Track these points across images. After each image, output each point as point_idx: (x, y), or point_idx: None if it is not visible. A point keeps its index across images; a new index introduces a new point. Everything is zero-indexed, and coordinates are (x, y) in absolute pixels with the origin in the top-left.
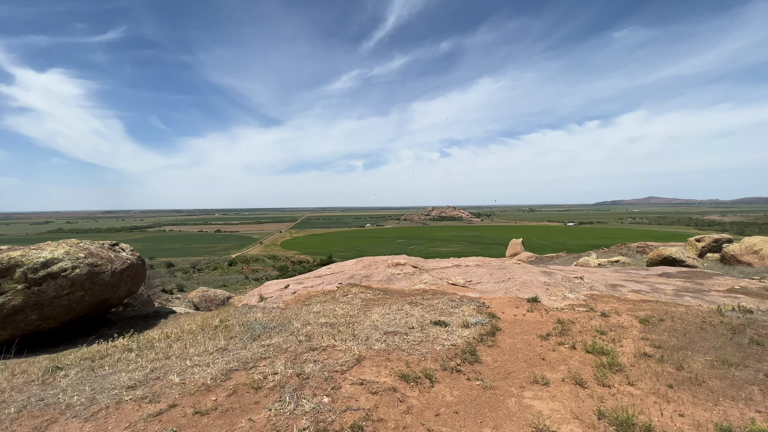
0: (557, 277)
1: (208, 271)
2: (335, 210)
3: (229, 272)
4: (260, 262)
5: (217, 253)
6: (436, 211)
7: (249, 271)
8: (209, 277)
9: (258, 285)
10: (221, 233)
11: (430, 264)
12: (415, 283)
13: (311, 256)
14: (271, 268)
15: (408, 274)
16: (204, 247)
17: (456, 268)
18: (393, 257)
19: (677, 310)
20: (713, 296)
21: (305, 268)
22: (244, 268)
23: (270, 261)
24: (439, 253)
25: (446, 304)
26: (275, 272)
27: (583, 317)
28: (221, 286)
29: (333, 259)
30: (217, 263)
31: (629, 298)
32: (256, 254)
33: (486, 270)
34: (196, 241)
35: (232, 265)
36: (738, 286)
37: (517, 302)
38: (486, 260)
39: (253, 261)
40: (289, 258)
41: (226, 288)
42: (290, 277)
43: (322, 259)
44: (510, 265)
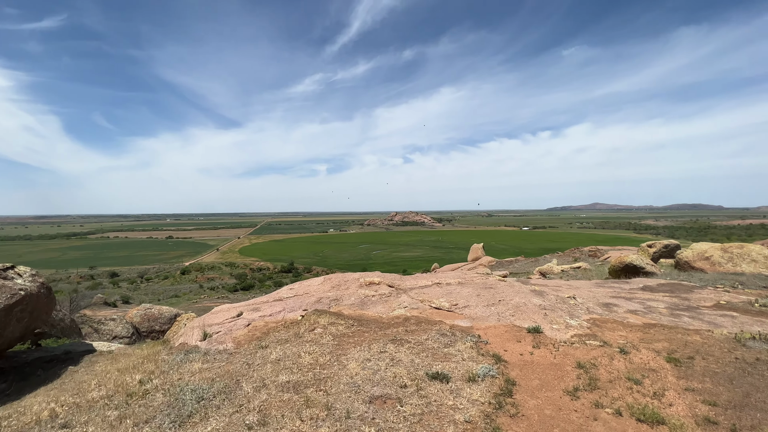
0: (550, 298)
1: (158, 280)
2: (297, 215)
3: (181, 281)
4: (216, 270)
5: (169, 261)
6: (399, 216)
7: (204, 280)
8: (159, 287)
9: (214, 295)
10: (173, 240)
11: (408, 282)
12: (394, 307)
13: (272, 263)
14: (228, 276)
15: (384, 295)
16: (154, 255)
17: (437, 288)
18: (366, 275)
19: (694, 339)
20: (709, 315)
21: (265, 275)
22: (199, 277)
23: (227, 269)
24: (403, 257)
25: (437, 340)
26: (233, 280)
27: (602, 355)
28: (172, 296)
29: (294, 265)
30: (169, 272)
31: (631, 322)
32: (211, 262)
33: (471, 290)
34: (145, 248)
35: (185, 274)
36: (723, 301)
37: (516, 333)
38: (468, 277)
39: (209, 269)
40: (248, 265)
41: (178, 299)
42: (248, 288)
43: (283, 265)
44: (496, 284)
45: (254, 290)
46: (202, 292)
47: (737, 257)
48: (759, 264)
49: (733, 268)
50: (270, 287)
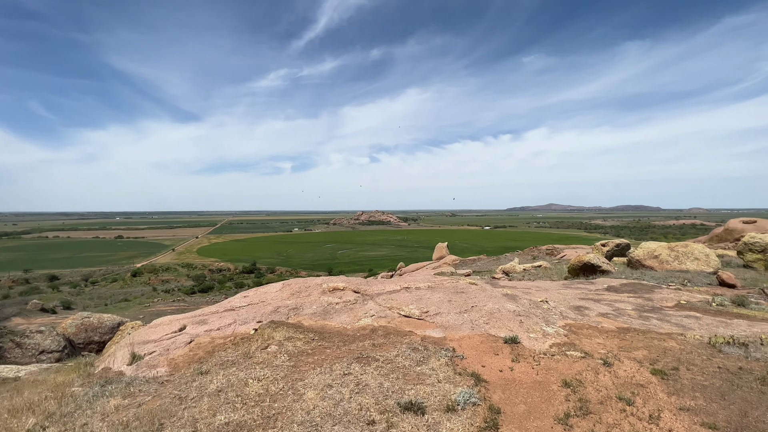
0: (524, 302)
1: (105, 283)
2: (260, 213)
3: (132, 284)
4: (172, 272)
5: (118, 262)
6: (365, 215)
7: (158, 282)
8: (106, 291)
9: (169, 298)
10: (123, 240)
11: (375, 287)
12: (360, 316)
13: (233, 264)
14: (185, 277)
15: (349, 303)
16: (101, 256)
17: (406, 293)
18: (330, 279)
19: (670, 345)
20: (675, 317)
21: (226, 276)
22: (152, 279)
23: (184, 270)
24: (369, 257)
25: (408, 356)
26: (190, 282)
27: (586, 369)
28: (122, 300)
29: (257, 265)
30: (118, 274)
31: (605, 327)
32: (166, 263)
33: (442, 295)
34: (91, 249)
35: (136, 276)
36: (683, 301)
37: (493, 344)
38: (437, 279)
39: (163, 270)
40: (207, 266)
41: (128, 303)
42: (207, 290)
43: (245, 266)
44: (467, 288)
45: (213, 292)
46: (156, 295)
47: (682, 256)
48: (701, 262)
49: (679, 265)
50: (230, 289)
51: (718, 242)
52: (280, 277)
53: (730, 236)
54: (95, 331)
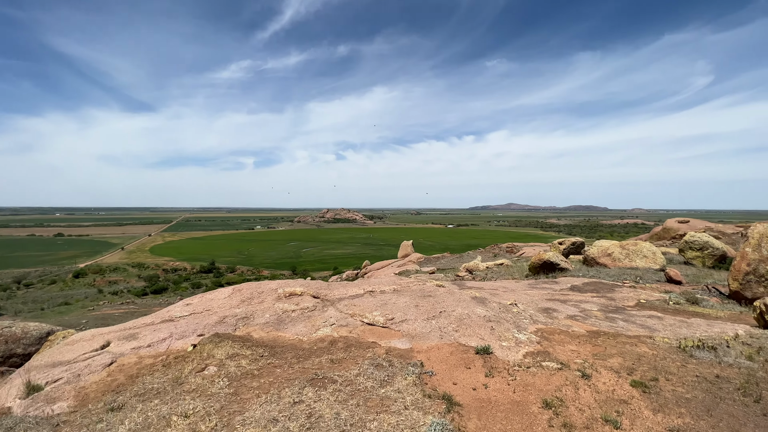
0: (493, 306)
1: (42, 285)
2: (220, 210)
3: (75, 286)
4: (121, 272)
5: (58, 262)
6: (331, 213)
7: (104, 283)
8: (43, 294)
9: (117, 300)
10: (64, 238)
11: (336, 292)
12: (318, 325)
13: (189, 263)
14: (135, 278)
15: (307, 310)
16: (36, 256)
17: (370, 298)
18: (286, 283)
19: (643, 351)
20: (639, 318)
21: (181, 276)
22: (98, 280)
23: (134, 270)
24: (334, 255)
25: (371, 375)
26: (141, 283)
27: (565, 384)
28: (62, 303)
29: (216, 265)
30: (57, 275)
31: (576, 331)
32: (114, 262)
33: (409, 299)
34: (25, 247)
35: (79, 277)
36: (642, 300)
37: (464, 355)
38: (404, 282)
39: (111, 271)
40: (161, 266)
41: (69, 307)
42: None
43: (203, 265)
44: (435, 291)
45: (168, 293)
46: (102, 297)
47: (633, 254)
48: (649, 259)
49: (630, 263)
50: (186, 289)
51: (657, 240)
52: (240, 276)
53: (667, 234)
54: (18, 342)
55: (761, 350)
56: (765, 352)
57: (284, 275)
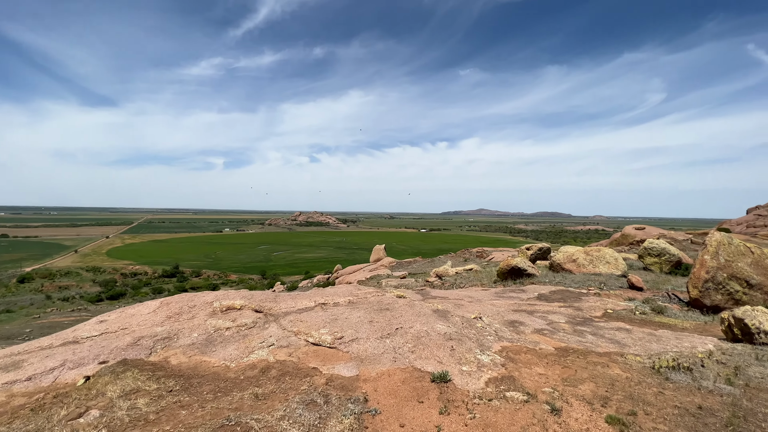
0: (456, 320)
1: None
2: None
3: (19, 291)
4: (73, 276)
5: (0, 266)
6: (303, 216)
7: (53, 289)
8: None
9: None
10: (9, 239)
11: (284, 304)
12: (254, 347)
13: (151, 267)
14: (89, 283)
15: (244, 327)
16: None
17: (321, 311)
18: (226, 295)
19: (615, 374)
20: (607, 330)
21: (141, 281)
22: (46, 285)
23: (89, 274)
24: (306, 259)
25: (297, 418)
26: (96, 288)
27: (531, 422)
28: (2, 311)
29: (180, 269)
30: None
31: (544, 348)
32: (66, 266)
33: (363, 313)
34: None
35: (25, 282)
36: (609, 309)
37: (417, 384)
38: (361, 293)
39: (62, 275)
40: (120, 270)
41: (11, 314)
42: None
43: (165, 269)
44: (394, 303)
45: (126, 299)
46: (51, 304)
47: (596, 259)
48: (611, 265)
49: (594, 269)
50: (147, 295)
51: (616, 246)
52: (206, 281)
53: (626, 240)
54: None
55: (738, 371)
56: (743, 373)
57: (253, 280)
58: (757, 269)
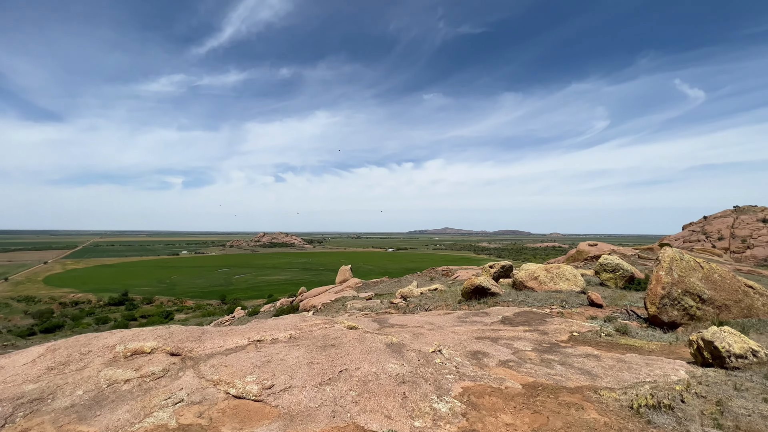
0: (411, 356)
1: None
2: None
3: None
4: (1, 308)
5: None
6: (267, 237)
7: None
8: None
9: None
10: None
11: (209, 344)
12: (153, 407)
13: (96, 294)
14: (20, 315)
15: (150, 377)
16: None
17: (254, 351)
18: (136, 335)
19: (593, 419)
20: (576, 359)
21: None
22: None
23: (20, 305)
24: (269, 281)
25: None
26: (28, 320)
27: None
28: None
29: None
30: None
31: (511, 387)
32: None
33: (304, 352)
34: None
35: None
36: (575, 332)
37: None
38: (306, 325)
39: None
40: (58, 299)
41: None
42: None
43: (112, 297)
44: (342, 337)
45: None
46: None
47: (557, 276)
48: (571, 282)
49: (554, 286)
50: (89, 326)
51: (572, 261)
52: (159, 308)
53: (580, 256)
54: None
55: (723, 408)
56: (728, 411)
57: (212, 305)
58: (707, 284)
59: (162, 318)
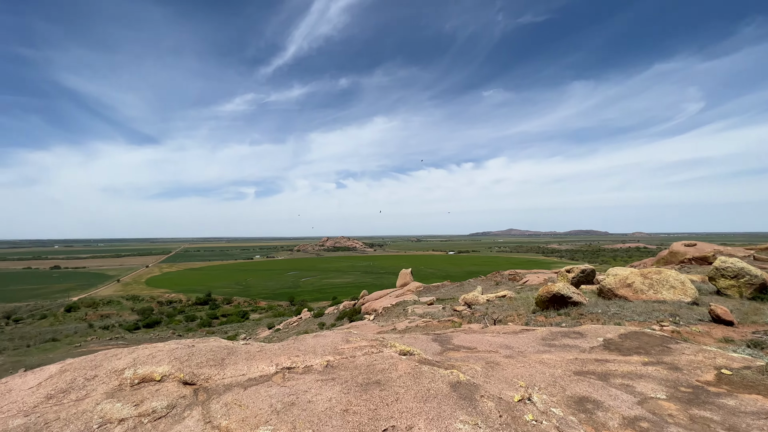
0: (488, 409)
1: (32, 321)
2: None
3: (65, 320)
4: (114, 305)
5: (51, 296)
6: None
7: (95, 318)
8: (32, 330)
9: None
10: (60, 270)
11: (230, 370)
12: None
13: (185, 295)
14: (128, 311)
15: (148, 417)
16: (30, 290)
17: (278, 385)
18: (152, 357)
19: None
20: (747, 418)
21: (176, 309)
22: (89, 314)
23: (128, 303)
24: (333, 284)
25: None
26: (134, 317)
27: None
28: (49, 340)
29: (212, 296)
30: (49, 309)
31: None
32: (108, 295)
33: (339, 391)
34: (19, 281)
35: (71, 311)
36: (724, 370)
37: None
38: (349, 348)
39: (104, 304)
40: (156, 298)
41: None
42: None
43: (198, 297)
44: (390, 371)
45: (161, 327)
46: (92, 332)
47: (657, 284)
48: (677, 290)
49: (655, 295)
50: (180, 323)
51: (665, 264)
52: (236, 308)
53: (675, 258)
54: None
55: None
56: None
57: (281, 306)
58: None
59: (239, 317)
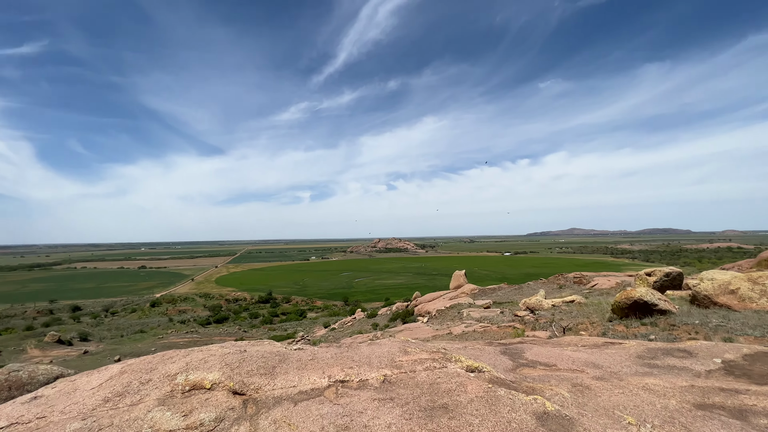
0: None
1: (125, 314)
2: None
3: (150, 314)
4: (189, 302)
5: (139, 292)
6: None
7: (174, 313)
8: (125, 322)
9: (183, 329)
10: (146, 270)
11: (281, 380)
12: None
13: (249, 293)
14: (201, 308)
15: (198, 429)
16: (123, 287)
17: (331, 402)
18: (204, 362)
19: None
20: None
21: (241, 306)
22: (170, 309)
23: (201, 300)
24: (386, 285)
25: None
26: (206, 312)
27: None
28: (138, 331)
29: (273, 295)
30: (138, 304)
31: None
32: (185, 293)
33: (399, 415)
34: (115, 279)
35: (155, 306)
36: None
37: None
38: (408, 361)
39: (181, 300)
40: (224, 296)
41: (144, 334)
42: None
43: (261, 295)
44: (458, 392)
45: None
46: (171, 326)
47: None
48: None
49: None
50: (245, 319)
51: (765, 268)
52: (295, 306)
53: None
54: (22, 388)
55: None
56: None
57: (336, 306)
58: None
59: (297, 316)
